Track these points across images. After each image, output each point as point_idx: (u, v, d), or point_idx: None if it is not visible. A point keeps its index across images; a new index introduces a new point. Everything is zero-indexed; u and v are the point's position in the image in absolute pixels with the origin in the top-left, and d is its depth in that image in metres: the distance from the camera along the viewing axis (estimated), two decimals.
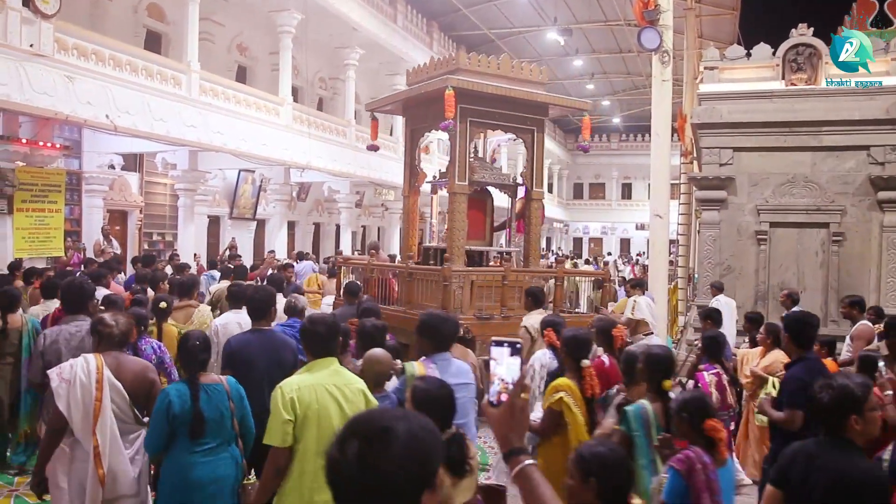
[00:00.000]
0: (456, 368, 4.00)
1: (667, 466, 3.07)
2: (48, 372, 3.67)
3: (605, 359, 4.65)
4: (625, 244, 45.06)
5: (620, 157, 45.70)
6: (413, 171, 9.88)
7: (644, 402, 3.63)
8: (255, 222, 19.99)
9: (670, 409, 3.34)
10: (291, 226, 21.66)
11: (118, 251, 13.79)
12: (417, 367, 3.85)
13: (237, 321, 5.43)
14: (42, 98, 10.12)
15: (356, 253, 19.79)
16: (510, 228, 10.18)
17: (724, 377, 4.90)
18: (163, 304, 5.63)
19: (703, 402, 3.25)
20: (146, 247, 16.52)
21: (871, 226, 10.32)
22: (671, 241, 16.01)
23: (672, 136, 13.89)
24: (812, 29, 10.91)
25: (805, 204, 10.53)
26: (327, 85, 23.02)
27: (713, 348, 5.10)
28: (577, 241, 48.14)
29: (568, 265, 17.70)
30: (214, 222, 18.70)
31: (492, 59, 9.17)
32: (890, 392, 4.25)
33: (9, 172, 11.13)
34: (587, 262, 24.55)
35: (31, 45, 10.02)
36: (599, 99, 39.48)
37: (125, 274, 11.94)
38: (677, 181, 16.43)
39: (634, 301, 8.38)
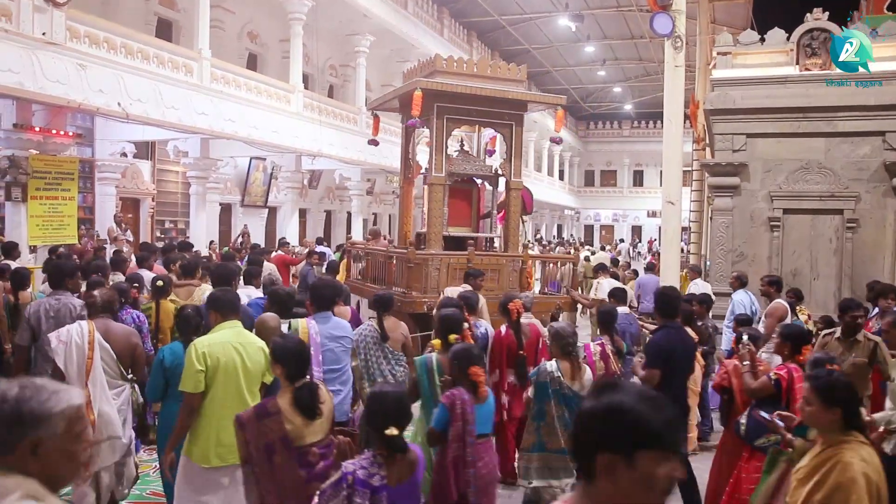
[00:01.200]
0: (333, 324, 4.84)
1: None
2: (48, 336, 4.38)
3: (503, 329, 5.69)
4: (636, 231, 44.88)
5: (632, 143, 45.48)
6: (408, 164, 10.56)
7: (432, 354, 4.43)
8: (267, 210, 20.05)
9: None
10: (303, 213, 21.72)
11: (131, 238, 13.89)
12: (301, 324, 4.62)
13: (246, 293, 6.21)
14: (54, 86, 10.16)
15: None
16: (492, 217, 10.79)
17: (609, 347, 5.39)
18: (159, 283, 6.05)
19: (468, 353, 3.96)
20: (159, 234, 16.61)
21: (885, 212, 10.22)
22: (683, 229, 15.94)
23: (684, 122, 13.79)
24: (827, 13, 10.77)
25: (819, 190, 10.44)
26: (338, 72, 22.99)
27: (605, 322, 5.63)
28: (589, 229, 48.04)
29: (582, 254, 17.61)
30: (226, 210, 18.77)
31: (469, 60, 10.02)
32: (748, 362, 4.65)
33: (22, 160, 11.19)
34: (602, 248, 24.53)
35: (44, 34, 10.05)
36: (611, 85, 39.28)
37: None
38: (689, 168, 16.32)
39: (598, 283, 10.02)
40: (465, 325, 4.92)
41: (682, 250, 15.69)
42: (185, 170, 16.54)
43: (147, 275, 7.07)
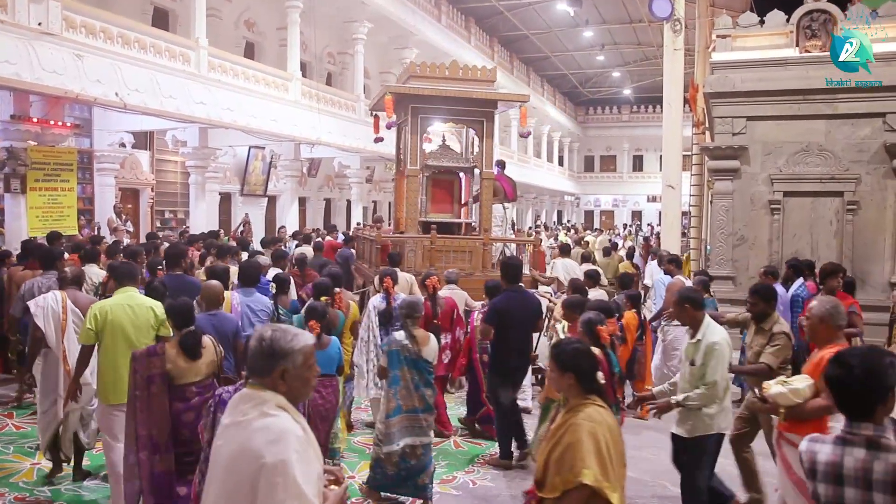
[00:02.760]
0: (254, 299, 5.99)
1: None
2: (28, 303, 5.48)
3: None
4: (636, 216, 44.83)
5: (631, 128, 45.33)
6: (400, 158, 11.57)
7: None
8: (267, 199, 20.03)
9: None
10: (302, 202, 21.69)
11: (131, 229, 13.89)
12: (227, 294, 5.57)
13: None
14: (51, 77, 10.13)
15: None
16: (470, 204, 11.74)
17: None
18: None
19: (312, 308, 4.99)
20: (158, 224, 16.61)
21: (886, 194, 10.20)
22: (683, 213, 15.91)
23: (684, 106, 13.71)
24: None
25: (819, 173, 10.42)
26: (336, 60, 22.90)
27: (491, 294, 6.54)
28: (589, 214, 47.98)
29: (588, 237, 17.75)
30: (226, 199, 18.75)
31: (441, 65, 11.07)
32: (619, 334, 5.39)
33: (21, 152, 11.18)
34: (600, 232, 24.65)
35: (40, 24, 10.00)
36: (610, 70, 39.11)
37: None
38: (689, 153, 16.28)
39: (554, 263, 10.90)
40: (337, 290, 6.02)
41: (683, 234, 15.69)
42: (184, 159, 16.52)
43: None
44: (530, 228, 27.21)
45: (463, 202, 11.70)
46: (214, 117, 13.68)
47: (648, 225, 36.94)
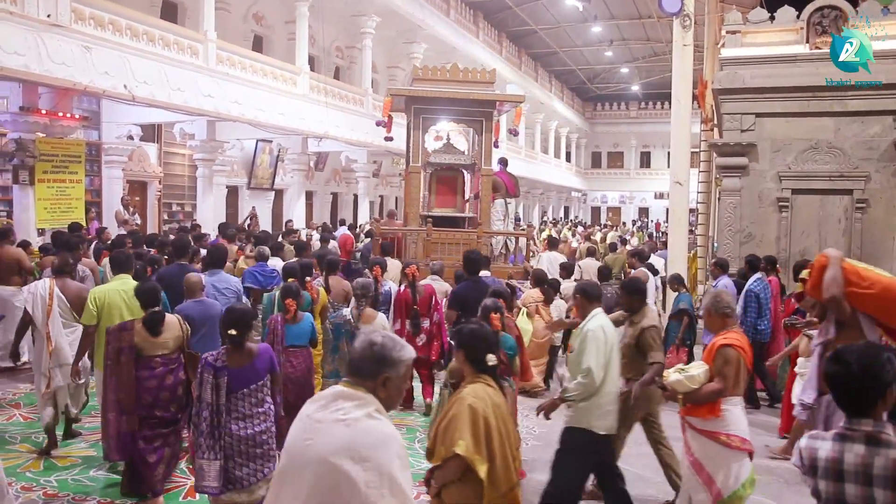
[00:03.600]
0: (218, 278, 6.66)
1: None
2: (21, 288, 6.50)
3: (402, 287, 7.39)
4: (643, 213, 44.72)
5: (639, 125, 45.18)
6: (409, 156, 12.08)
7: (275, 292, 6.47)
8: (273, 192, 20.05)
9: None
10: (309, 196, 21.70)
11: (139, 221, 13.92)
12: (198, 277, 6.06)
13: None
14: (60, 68, 10.15)
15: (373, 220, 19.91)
16: (470, 200, 12.22)
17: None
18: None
19: (287, 288, 5.65)
20: (166, 217, 16.64)
21: (895, 192, 10.16)
22: (691, 210, 15.86)
23: (692, 103, 13.65)
24: None
25: (828, 170, 10.37)
26: (344, 54, 22.88)
27: (457, 282, 7.23)
28: (595, 211, 47.89)
29: (597, 235, 17.91)
30: (233, 192, 18.77)
31: (443, 68, 11.69)
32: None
33: (29, 143, 11.21)
34: (610, 228, 24.73)
35: (49, 16, 10.02)
36: (618, 66, 39.00)
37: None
38: (697, 150, 16.21)
39: (540, 256, 11.59)
40: (308, 278, 6.70)
41: (691, 231, 15.66)
42: (192, 152, 16.54)
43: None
44: (530, 224, 27.23)
45: (466, 198, 12.15)
46: (222, 110, 13.70)
47: (654, 222, 36.85)
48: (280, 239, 11.29)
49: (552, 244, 12.35)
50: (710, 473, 4.12)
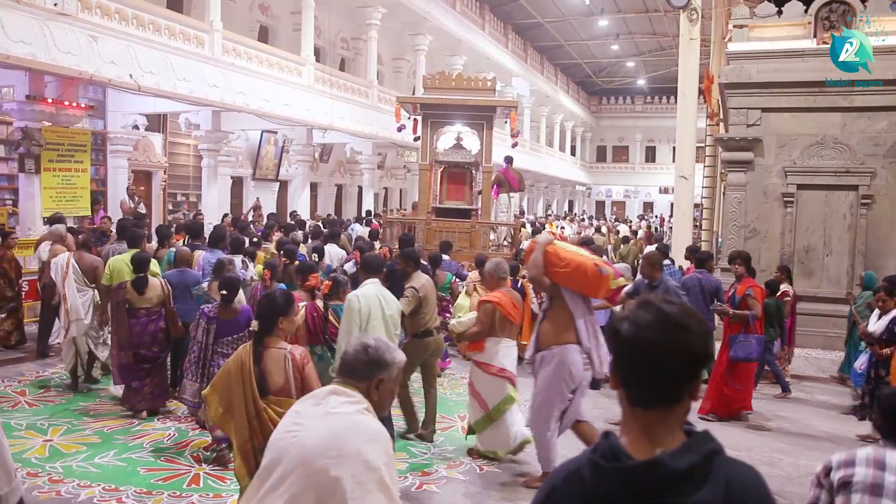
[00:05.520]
0: (215, 255, 7.49)
1: None
2: (50, 260, 7.69)
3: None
4: (648, 208, 44.64)
5: (645, 119, 45.08)
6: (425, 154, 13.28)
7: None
8: (278, 183, 20.05)
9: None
10: (314, 187, 21.70)
11: (143, 211, 13.94)
12: (187, 251, 7.45)
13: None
14: (66, 57, 10.15)
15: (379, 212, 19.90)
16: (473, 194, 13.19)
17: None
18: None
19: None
20: (170, 207, 16.67)
21: None
22: (696, 205, 15.83)
23: (698, 97, 13.61)
24: None
25: (834, 166, 10.35)
26: (349, 45, 22.84)
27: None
28: (600, 205, 47.82)
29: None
30: (237, 183, 18.78)
31: (448, 75, 13.15)
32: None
33: (35, 132, 11.23)
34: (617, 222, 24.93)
35: (56, 5, 10.02)
36: (624, 60, 38.88)
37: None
38: (703, 144, 16.18)
39: (532, 240, 11.37)
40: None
41: (696, 226, 15.63)
42: (197, 143, 16.54)
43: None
44: (516, 216, 27.19)
45: (475, 192, 13.02)
46: (228, 101, 13.69)
47: (658, 216, 36.79)
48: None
49: (536, 234, 12.69)
50: (479, 393, 5.72)
